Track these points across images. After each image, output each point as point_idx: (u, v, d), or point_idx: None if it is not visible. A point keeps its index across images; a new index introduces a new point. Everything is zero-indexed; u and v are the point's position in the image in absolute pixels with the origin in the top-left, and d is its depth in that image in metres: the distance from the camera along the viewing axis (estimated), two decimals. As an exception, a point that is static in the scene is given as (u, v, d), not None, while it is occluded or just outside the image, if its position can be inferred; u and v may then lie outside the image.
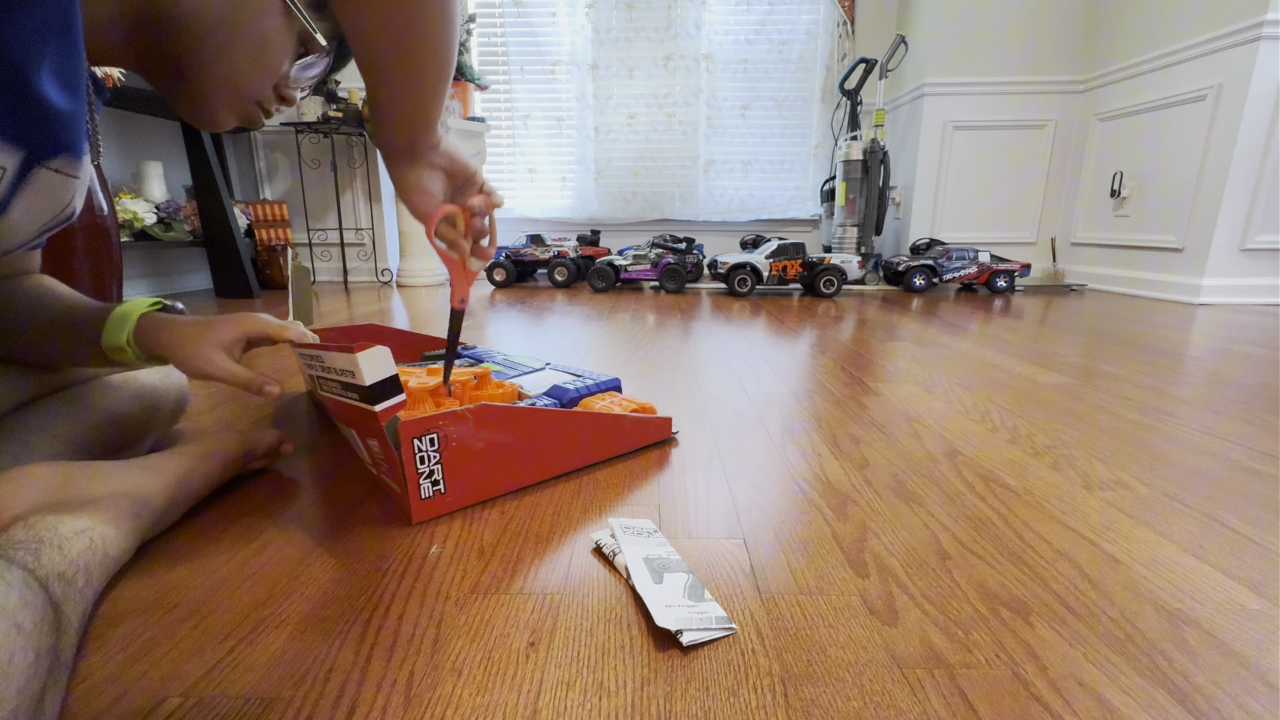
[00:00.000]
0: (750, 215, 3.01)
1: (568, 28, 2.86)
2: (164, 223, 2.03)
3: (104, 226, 1.01)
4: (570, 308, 1.87)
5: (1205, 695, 0.31)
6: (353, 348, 0.43)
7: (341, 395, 0.48)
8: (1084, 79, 2.48)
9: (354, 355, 0.43)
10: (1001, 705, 0.31)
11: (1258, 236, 1.94)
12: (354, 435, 0.53)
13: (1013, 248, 2.68)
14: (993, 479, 0.59)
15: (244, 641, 0.35)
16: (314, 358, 0.50)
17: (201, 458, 0.51)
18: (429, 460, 0.48)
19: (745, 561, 0.44)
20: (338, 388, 0.48)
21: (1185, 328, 1.53)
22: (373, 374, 0.43)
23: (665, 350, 1.21)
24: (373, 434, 0.47)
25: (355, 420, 0.49)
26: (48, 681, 0.27)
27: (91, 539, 0.37)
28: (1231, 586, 0.41)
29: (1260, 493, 0.56)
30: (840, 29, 2.80)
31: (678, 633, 0.35)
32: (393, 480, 0.50)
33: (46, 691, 0.27)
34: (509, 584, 0.41)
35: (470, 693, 0.32)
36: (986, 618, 0.38)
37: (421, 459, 0.48)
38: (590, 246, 2.53)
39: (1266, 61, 1.81)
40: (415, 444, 0.47)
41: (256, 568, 0.43)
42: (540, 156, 3.03)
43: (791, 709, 0.31)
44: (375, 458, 0.51)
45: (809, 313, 1.80)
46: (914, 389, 0.92)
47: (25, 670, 0.26)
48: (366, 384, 0.43)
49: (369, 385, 0.43)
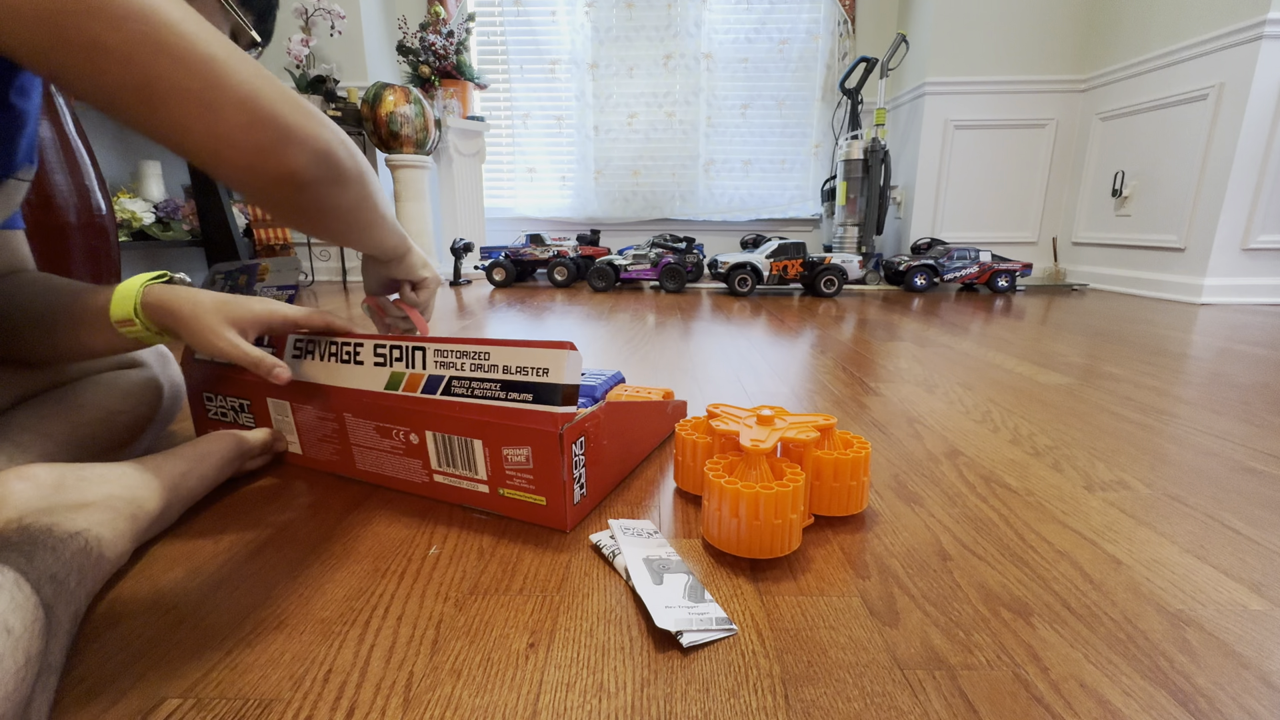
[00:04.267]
0: (750, 215, 3.01)
1: (567, 27, 2.85)
2: (162, 222, 2.02)
3: (102, 226, 1.01)
4: (570, 307, 1.87)
5: (1207, 696, 0.31)
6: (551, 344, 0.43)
7: (494, 397, 0.46)
8: (1085, 78, 2.48)
9: (560, 352, 0.43)
10: (1002, 706, 0.31)
11: (1259, 236, 1.94)
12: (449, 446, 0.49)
13: (1014, 247, 2.67)
14: (994, 479, 0.59)
15: (242, 643, 0.35)
16: (456, 352, 0.48)
17: (198, 459, 0.51)
18: (579, 464, 0.47)
19: (745, 562, 0.44)
20: (495, 387, 0.45)
21: (1187, 328, 1.52)
22: (571, 375, 0.43)
23: (665, 350, 1.21)
24: (525, 441, 0.45)
25: (494, 426, 0.46)
26: (37, 686, 0.27)
27: (86, 541, 0.37)
28: (1233, 587, 0.41)
29: (1262, 493, 0.56)
30: (841, 28, 2.80)
31: (678, 634, 0.35)
32: (529, 491, 0.47)
33: (35, 697, 0.27)
34: (509, 584, 0.41)
35: (470, 694, 0.31)
36: (987, 619, 0.37)
37: (576, 463, 0.47)
38: (590, 246, 2.53)
39: (1268, 61, 1.81)
40: (573, 448, 0.46)
41: (255, 569, 0.43)
42: (540, 156, 3.03)
43: (792, 710, 0.30)
44: (510, 469, 0.47)
45: (809, 312, 1.79)
46: (915, 389, 0.92)
47: (14, 674, 0.25)
48: (565, 383, 0.43)
49: (565, 385, 0.43)
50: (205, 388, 0.63)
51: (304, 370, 0.56)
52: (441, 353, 0.49)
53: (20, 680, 0.25)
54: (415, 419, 0.50)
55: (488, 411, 0.46)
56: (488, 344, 0.47)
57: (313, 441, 0.58)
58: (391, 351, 0.51)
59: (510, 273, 2.44)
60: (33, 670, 0.27)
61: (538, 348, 0.44)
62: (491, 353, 0.46)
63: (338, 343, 0.55)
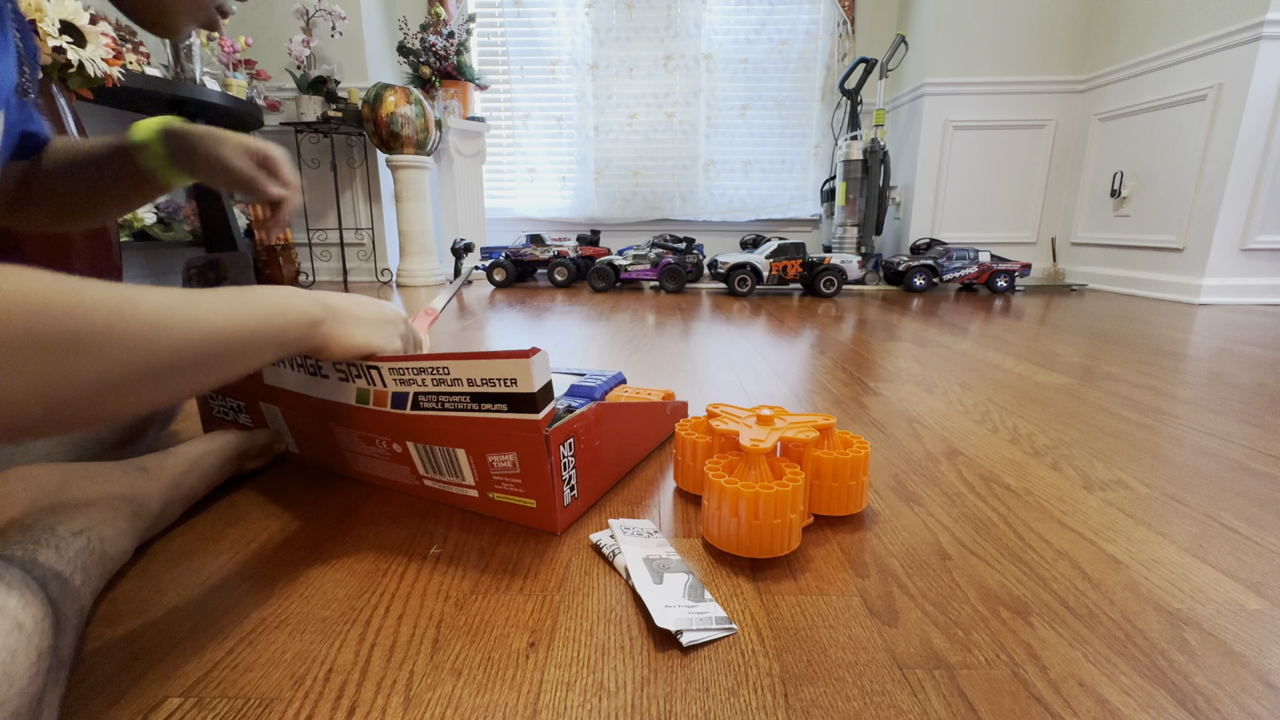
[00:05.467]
0: (750, 215, 3.01)
1: (568, 27, 2.86)
2: (163, 223, 2.02)
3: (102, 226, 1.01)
4: (570, 308, 1.87)
5: (1205, 696, 0.31)
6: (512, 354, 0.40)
7: (466, 409, 0.44)
8: (1084, 79, 2.48)
9: (523, 361, 0.40)
10: (1001, 706, 0.31)
11: (1258, 236, 1.94)
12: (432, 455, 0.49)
13: (1013, 247, 2.68)
14: (993, 479, 0.59)
15: (243, 642, 0.35)
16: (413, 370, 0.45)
17: (198, 458, 0.51)
18: (568, 466, 0.47)
19: (745, 561, 0.44)
20: (465, 400, 0.44)
21: (1185, 328, 1.53)
22: (540, 379, 0.41)
23: (665, 350, 1.21)
24: (510, 447, 0.44)
25: (474, 435, 0.45)
26: (48, 681, 0.27)
27: (89, 539, 0.37)
28: (1232, 587, 0.41)
29: (1260, 493, 0.56)
30: (840, 28, 2.80)
31: (678, 633, 0.35)
32: (519, 494, 0.47)
33: (47, 691, 0.27)
34: (509, 584, 0.41)
35: (470, 693, 0.31)
36: (986, 618, 0.38)
37: (564, 465, 0.46)
38: (590, 246, 2.53)
39: (1267, 61, 1.81)
40: (560, 450, 0.45)
41: (256, 568, 0.43)
42: (540, 156, 3.03)
43: (791, 709, 0.31)
44: (497, 475, 0.47)
45: (809, 313, 1.80)
46: (914, 389, 0.92)
47: (27, 670, 0.26)
48: (536, 389, 0.41)
49: (537, 392, 0.41)
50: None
51: (283, 378, 0.54)
52: (397, 370, 0.46)
53: (34, 675, 0.26)
54: (393, 430, 0.49)
55: (465, 423, 0.45)
56: (445, 359, 0.43)
57: (307, 442, 0.58)
58: (350, 369, 0.48)
59: (511, 273, 2.44)
60: (44, 665, 0.27)
61: (499, 359, 0.41)
62: (451, 367, 0.43)
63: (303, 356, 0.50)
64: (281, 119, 2.46)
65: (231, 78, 2.14)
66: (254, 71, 2.28)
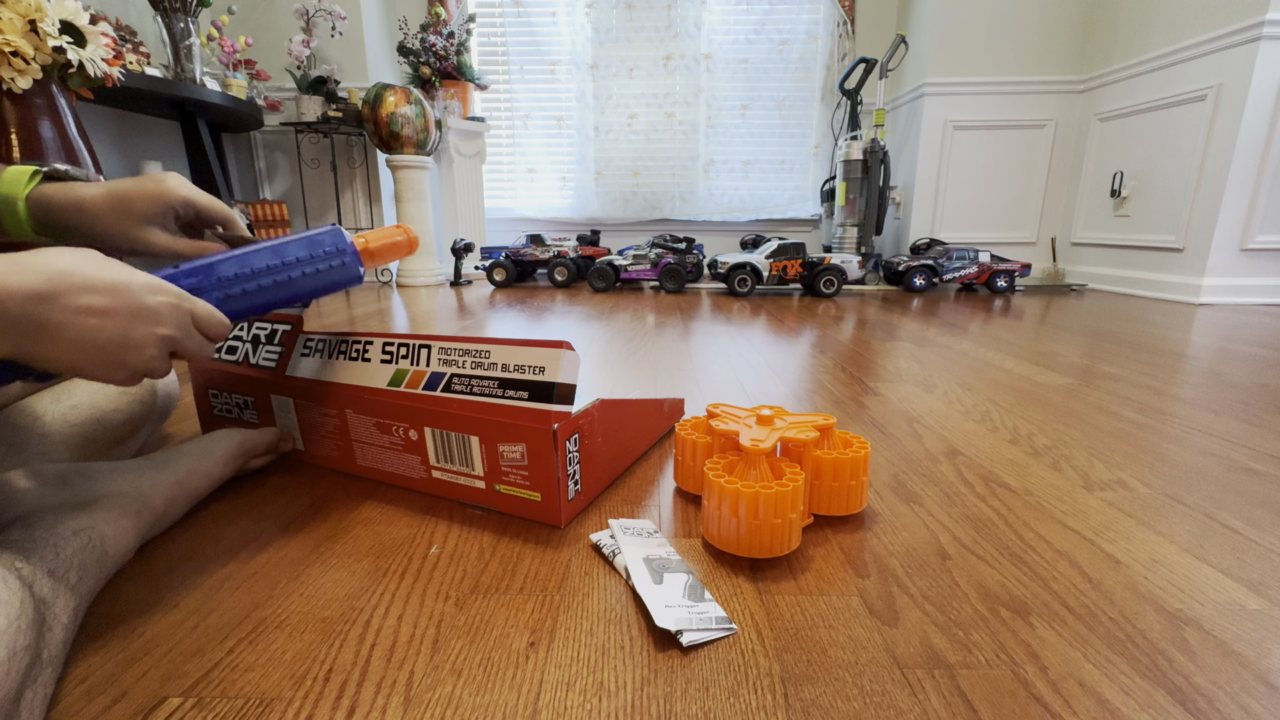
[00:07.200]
0: (750, 215, 3.01)
1: (568, 27, 2.85)
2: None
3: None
4: (570, 308, 1.87)
5: (1205, 695, 0.31)
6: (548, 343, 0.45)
7: (491, 394, 0.47)
8: (1084, 79, 2.48)
9: (555, 351, 0.44)
10: (1001, 705, 0.31)
11: (1258, 236, 1.94)
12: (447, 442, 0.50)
13: (1013, 248, 2.67)
14: (993, 479, 0.59)
15: (244, 642, 0.35)
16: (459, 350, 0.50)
17: (201, 457, 0.51)
18: (573, 460, 0.48)
19: (745, 561, 0.44)
20: (493, 385, 0.47)
21: (1185, 328, 1.53)
22: (566, 375, 0.45)
23: (665, 350, 1.21)
24: (521, 438, 0.46)
25: (491, 423, 0.47)
26: (27, 679, 0.27)
27: (90, 538, 0.37)
28: (1231, 587, 0.41)
29: (1260, 493, 0.56)
30: (840, 29, 2.80)
31: (678, 633, 0.35)
32: (525, 487, 0.48)
33: (25, 689, 0.27)
34: (509, 583, 0.41)
35: (470, 693, 0.31)
36: (986, 618, 0.38)
37: (569, 459, 0.48)
38: (590, 246, 2.53)
39: (1267, 61, 1.81)
40: (566, 445, 0.47)
41: (256, 568, 0.43)
42: (540, 156, 3.03)
43: (791, 709, 0.31)
44: (505, 465, 0.48)
45: (809, 313, 1.80)
46: (914, 389, 0.92)
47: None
48: (560, 381, 0.44)
49: (558, 384, 0.44)
50: (210, 384, 0.64)
51: (310, 368, 0.57)
52: (445, 350, 0.51)
53: (7, 671, 0.26)
54: (415, 415, 0.51)
55: (485, 409, 0.48)
56: (488, 343, 0.48)
57: (314, 438, 0.59)
58: (399, 349, 0.53)
59: (511, 273, 2.44)
60: (20, 664, 0.27)
61: (536, 347, 0.46)
62: (492, 351, 0.48)
63: (348, 341, 0.56)
64: (281, 119, 2.46)
65: (232, 78, 2.14)
66: (254, 71, 2.28)
